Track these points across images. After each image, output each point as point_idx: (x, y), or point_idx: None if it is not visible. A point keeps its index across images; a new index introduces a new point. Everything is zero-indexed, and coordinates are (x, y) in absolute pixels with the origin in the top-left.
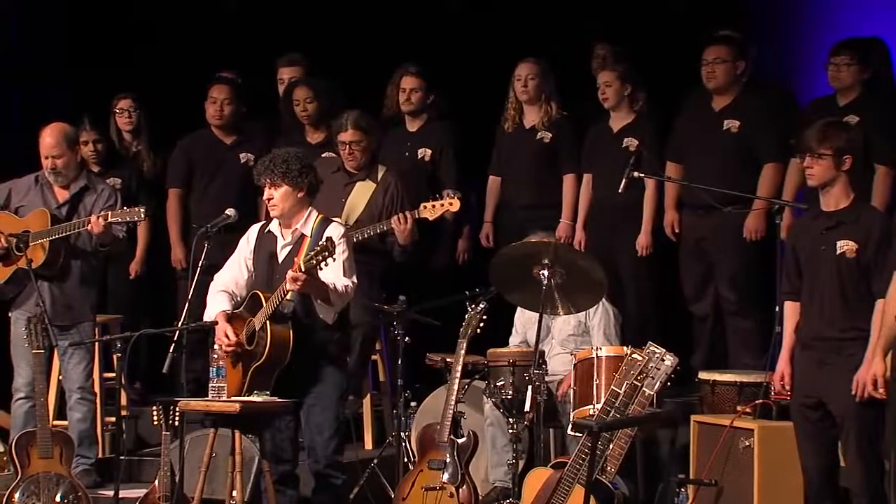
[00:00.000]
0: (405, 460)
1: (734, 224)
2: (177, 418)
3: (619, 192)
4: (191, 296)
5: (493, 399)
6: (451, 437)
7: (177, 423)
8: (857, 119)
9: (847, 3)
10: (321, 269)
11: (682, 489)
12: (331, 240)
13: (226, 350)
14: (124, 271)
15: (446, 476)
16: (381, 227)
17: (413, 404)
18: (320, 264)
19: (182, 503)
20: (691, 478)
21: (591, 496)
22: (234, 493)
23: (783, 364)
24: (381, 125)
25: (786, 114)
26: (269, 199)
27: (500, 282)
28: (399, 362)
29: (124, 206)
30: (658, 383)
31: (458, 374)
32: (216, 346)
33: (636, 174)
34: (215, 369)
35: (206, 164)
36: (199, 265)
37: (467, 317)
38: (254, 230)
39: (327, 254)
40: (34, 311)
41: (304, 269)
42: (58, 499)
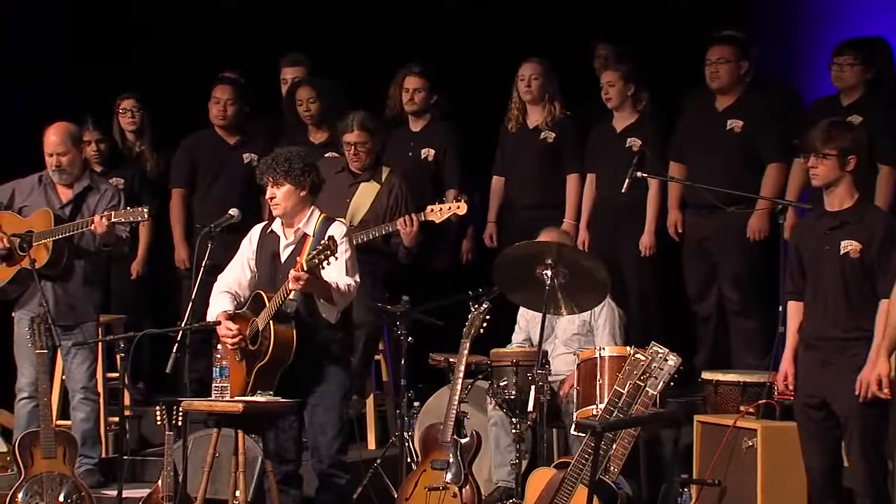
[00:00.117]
0: (408, 460)
1: (737, 224)
2: (180, 418)
3: (623, 192)
4: (194, 296)
5: (497, 399)
6: (455, 437)
7: (180, 423)
8: (861, 119)
9: (850, 3)
10: (323, 268)
11: (686, 489)
12: (333, 239)
13: (231, 345)
14: (127, 271)
15: (449, 476)
16: (387, 228)
17: (416, 404)
18: (322, 263)
19: (185, 503)
20: (694, 478)
21: (595, 496)
22: (238, 493)
23: (787, 364)
24: (385, 125)
25: (789, 114)
26: (272, 198)
27: (503, 282)
28: (402, 362)
29: (127, 206)
30: (661, 383)
31: (462, 374)
32: (219, 346)
33: (639, 174)
34: (219, 369)
35: (210, 163)
36: (203, 265)
37: (470, 317)
38: (256, 230)
39: (329, 253)
40: (37, 311)
41: (306, 269)
42: (61, 499)
